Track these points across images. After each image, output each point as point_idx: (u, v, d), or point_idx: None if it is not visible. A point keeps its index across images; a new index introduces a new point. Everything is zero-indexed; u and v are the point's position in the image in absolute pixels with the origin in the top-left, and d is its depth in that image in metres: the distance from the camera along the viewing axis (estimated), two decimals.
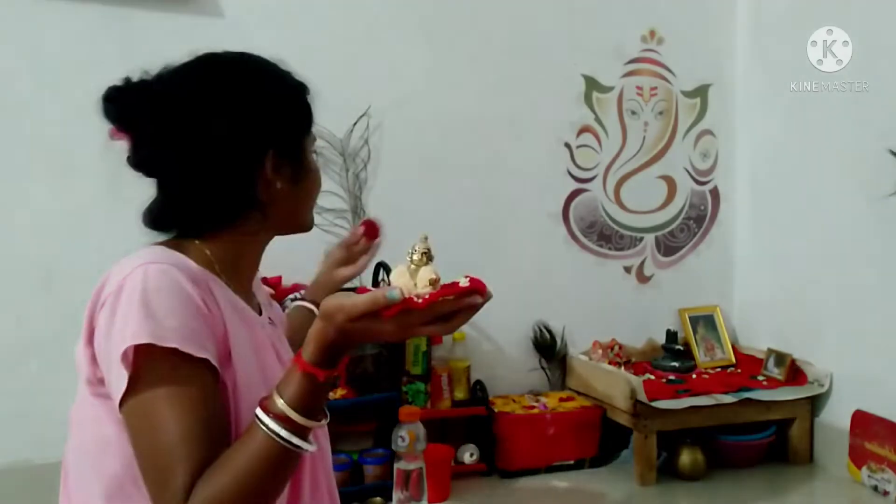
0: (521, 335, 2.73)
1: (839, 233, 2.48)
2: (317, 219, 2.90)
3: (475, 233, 2.66)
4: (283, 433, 0.84)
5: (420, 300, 0.79)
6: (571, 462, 2.54)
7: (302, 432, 0.85)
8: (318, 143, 1.25)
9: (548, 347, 2.74)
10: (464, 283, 0.83)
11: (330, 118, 2.49)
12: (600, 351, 2.73)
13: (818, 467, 2.55)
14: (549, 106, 2.72)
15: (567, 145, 2.75)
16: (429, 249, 0.85)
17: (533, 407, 2.55)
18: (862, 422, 2.35)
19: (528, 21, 2.68)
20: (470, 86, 2.63)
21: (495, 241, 2.70)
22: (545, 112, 2.72)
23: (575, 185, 2.77)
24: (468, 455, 2.51)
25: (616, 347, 2.75)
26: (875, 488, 2.30)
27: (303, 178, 1.08)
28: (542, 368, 2.76)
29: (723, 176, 2.94)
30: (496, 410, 2.51)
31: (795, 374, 2.57)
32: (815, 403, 2.55)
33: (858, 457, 2.36)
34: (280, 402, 0.85)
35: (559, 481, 2.47)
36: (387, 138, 2.55)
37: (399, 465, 1.58)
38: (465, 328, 2.65)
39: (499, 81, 2.66)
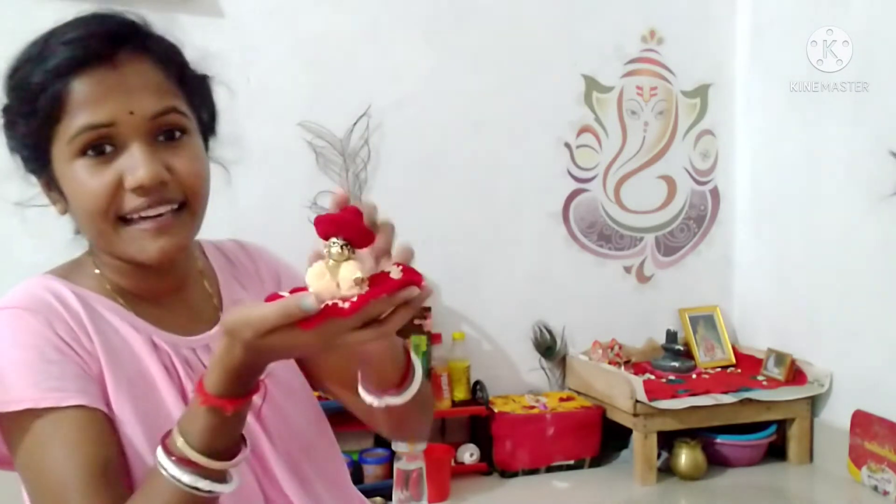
0: (521, 335, 2.73)
1: (839, 233, 2.48)
2: None
3: (475, 233, 2.66)
4: (186, 478, 0.71)
5: (346, 305, 0.64)
6: (571, 462, 2.54)
7: (212, 475, 0.73)
8: (318, 142, 1.14)
9: (548, 347, 2.74)
10: (395, 273, 0.69)
11: (330, 118, 2.50)
12: (600, 351, 2.73)
13: (818, 467, 2.54)
14: (549, 106, 2.72)
15: (567, 145, 2.75)
16: (349, 240, 0.68)
17: (533, 407, 2.55)
18: (862, 422, 2.35)
19: (528, 21, 2.68)
20: (470, 86, 2.63)
21: (495, 241, 2.70)
22: (545, 112, 2.72)
23: (575, 185, 2.77)
24: (468, 455, 2.51)
25: (616, 347, 2.75)
26: (875, 488, 2.30)
27: (71, 203, 0.85)
28: (542, 368, 2.76)
29: (723, 176, 2.94)
30: (496, 410, 2.51)
31: (795, 374, 2.57)
32: (815, 403, 2.55)
33: (858, 457, 2.36)
34: (180, 442, 0.72)
35: (559, 481, 2.47)
36: (387, 138, 2.55)
37: (399, 465, 1.58)
38: (465, 328, 2.65)
39: (499, 81, 2.66)
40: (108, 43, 0.82)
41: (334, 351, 0.74)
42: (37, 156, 0.85)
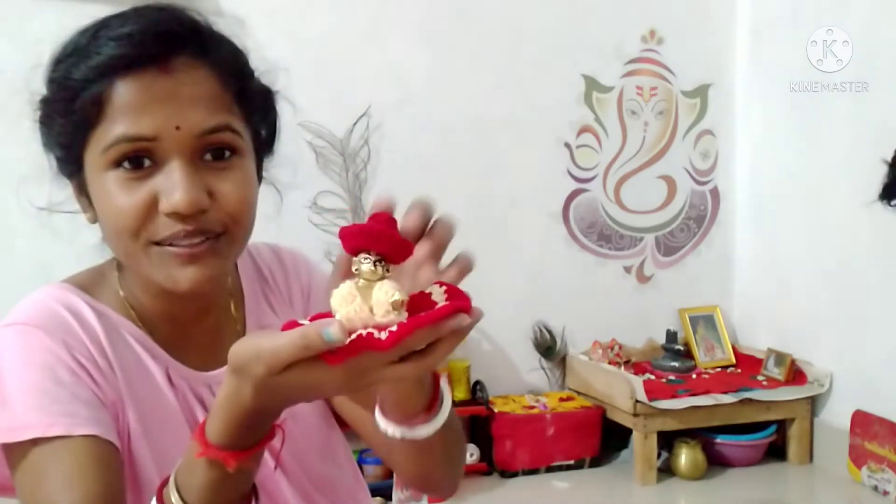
0: (521, 335, 2.73)
1: (839, 233, 2.48)
2: (317, 219, 2.88)
3: (475, 233, 2.65)
4: None
5: (385, 335, 0.53)
6: (571, 462, 2.54)
7: None
8: (318, 142, 1.06)
9: (548, 347, 2.74)
10: (437, 294, 0.59)
11: (330, 118, 2.50)
12: (600, 351, 2.73)
13: (818, 467, 2.54)
14: (549, 106, 2.72)
15: (567, 145, 2.75)
16: (383, 255, 0.56)
17: (533, 407, 2.55)
18: (862, 422, 2.35)
19: (528, 21, 2.68)
20: (470, 86, 2.63)
21: (495, 240, 2.70)
22: (545, 112, 2.71)
23: (575, 185, 2.77)
24: (468, 455, 2.51)
25: (616, 347, 2.75)
26: (875, 488, 2.30)
27: (100, 216, 0.77)
28: (542, 368, 2.76)
29: (723, 176, 2.93)
30: (496, 410, 2.51)
31: (795, 374, 2.57)
32: (815, 403, 2.55)
33: (858, 457, 2.36)
34: (175, 498, 0.63)
35: (559, 481, 2.47)
36: (387, 138, 2.55)
37: None
38: None
39: (499, 81, 2.66)
40: (162, 44, 0.73)
41: (364, 391, 0.62)
42: (69, 158, 0.77)
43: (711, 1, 2.87)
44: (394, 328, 0.53)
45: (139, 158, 0.73)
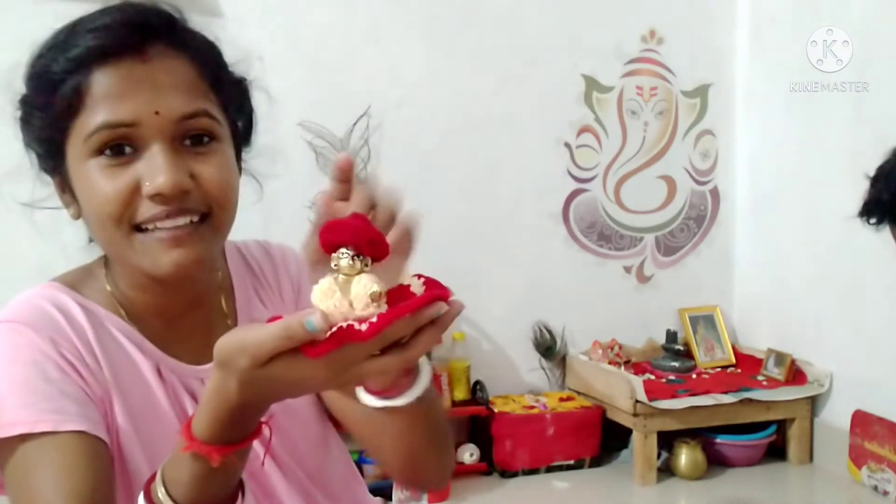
0: (521, 335, 2.73)
1: (839, 233, 2.47)
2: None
3: (475, 233, 2.66)
4: None
5: (364, 327, 0.54)
6: (571, 462, 2.54)
7: None
8: (318, 142, 1.07)
9: (548, 347, 2.74)
10: (416, 286, 0.59)
11: (330, 118, 2.50)
12: (600, 351, 2.73)
13: (818, 467, 2.54)
14: (549, 106, 2.72)
15: (567, 145, 2.75)
16: (361, 251, 0.57)
17: (533, 407, 2.55)
18: (862, 422, 2.35)
19: (528, 21, 2.68)
20: (470, 86, 2.63)
21: (495, 241, 2.70)
22: (545, 112, 2.71)
23: (575, 185, 2.77)
24: (468, 455, 2.51)
25: (616, 347, 2.75)
26: (875, 488, 2.30)
27: (83, 207, 0.78)
28: (542, 368, 2.76)
29: (723, 176, 2.93)
30: (496, 410, 2.51)
31: (795, 374, 2.57)
32: (815, 403, 2.55)
33: (858, 457, 2.36)
34: (161, 493, 0.63)
35: (559, 481, 2.47)
36: (387, 138, 2.55)
37: None
38: (465, 328, 2.65)
39: (498, 81, 2.66)
40: (138, 34, 0.75)
41: (347, 386, 0.63)
42: (51, 152, 0.78)
43: (711, 1, 2.87)
44: (374, 320, 0.54)
45: (120, 145, 0.74)
